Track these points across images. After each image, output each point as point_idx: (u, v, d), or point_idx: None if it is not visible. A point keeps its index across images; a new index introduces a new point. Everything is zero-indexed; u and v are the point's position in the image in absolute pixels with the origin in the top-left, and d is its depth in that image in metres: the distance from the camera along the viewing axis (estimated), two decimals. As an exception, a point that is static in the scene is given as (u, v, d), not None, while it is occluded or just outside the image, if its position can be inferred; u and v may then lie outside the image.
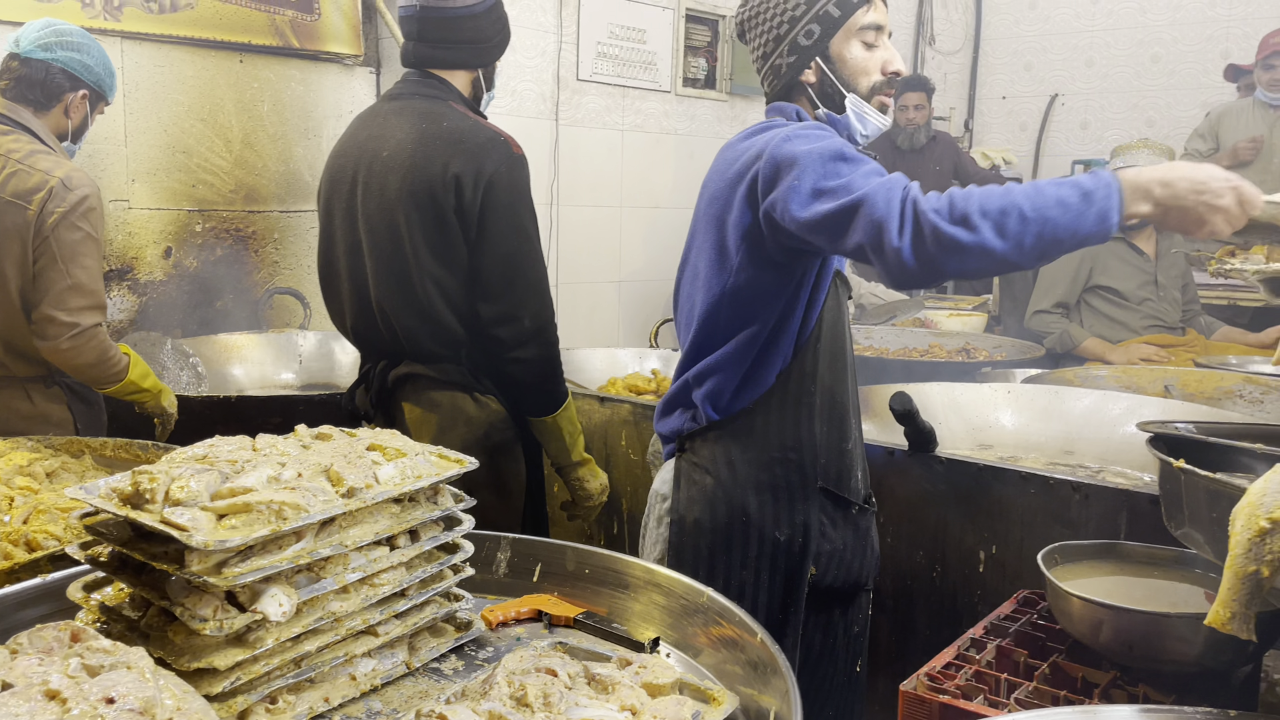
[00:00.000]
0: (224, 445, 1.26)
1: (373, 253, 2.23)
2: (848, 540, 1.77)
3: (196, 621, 1.07)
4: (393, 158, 2.19)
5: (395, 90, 2.31)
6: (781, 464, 1.73)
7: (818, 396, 1.71)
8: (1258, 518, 1.01)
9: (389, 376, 2.30)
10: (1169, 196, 1.36)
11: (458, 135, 2.16)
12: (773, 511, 1.73)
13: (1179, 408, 2.68)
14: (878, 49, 1.73)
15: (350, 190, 2.26)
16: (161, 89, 3.44)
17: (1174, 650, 1.35)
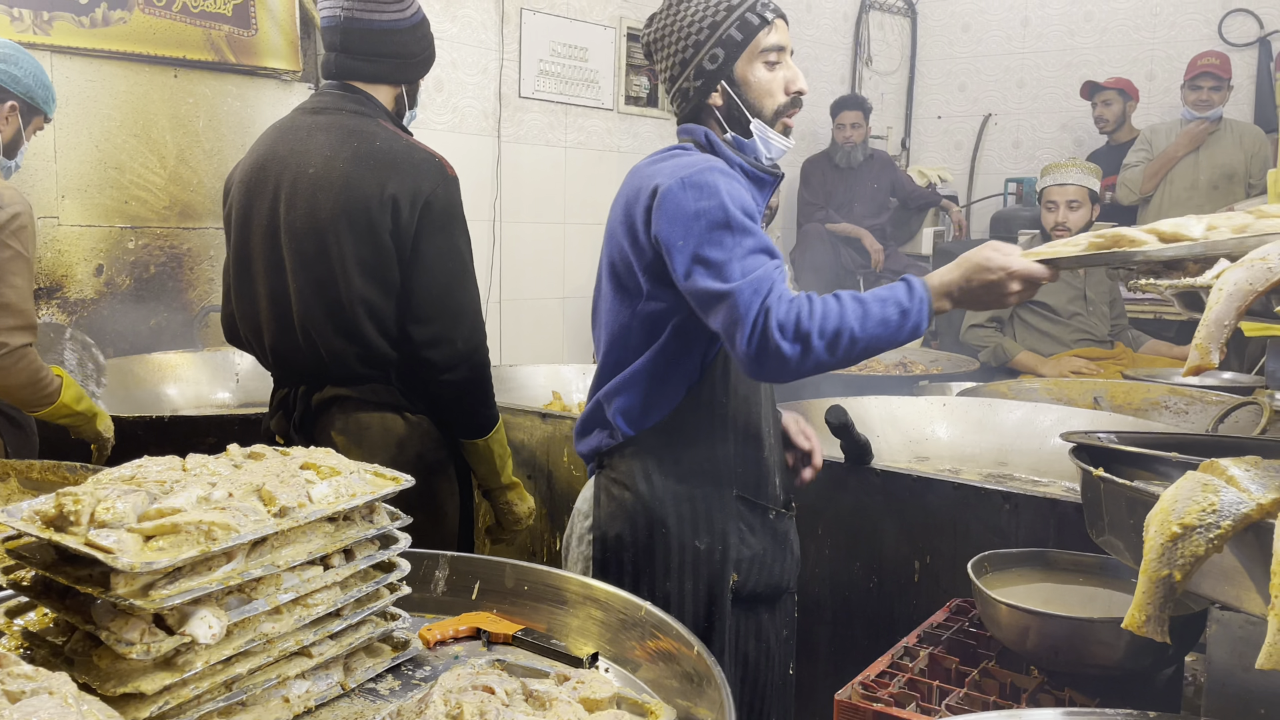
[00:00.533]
0: (152, 466, 1.24)
1: (299, 272, 2.16)
2: (767, 545, 1.80)
3: (122, 645, 1.05)
4: (323, 175, 2.13)
5: (316, 103, 2.23)
6: (697, 475, 1.76)
7: (730, 408, 1.75)
8: (1170, 524, 1.04)
9: (312, 400, 2.23)
10: (965, 294, 1.57)
11: (392, 155, 2.12)
12: (691, 522, 1.76)
13: (1107, 419, 2.76)
14: (780, 69, 1.76)
15: (272, 206, 2.18)
16: (93, 104, 3.38)
17: (1097, 654, 1.39)
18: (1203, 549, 1.02)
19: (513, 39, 4.72)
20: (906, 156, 7.13)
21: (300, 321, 2.19)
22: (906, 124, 7.16)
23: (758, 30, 1.73)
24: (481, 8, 4.59)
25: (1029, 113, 6.36)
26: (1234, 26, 5.91)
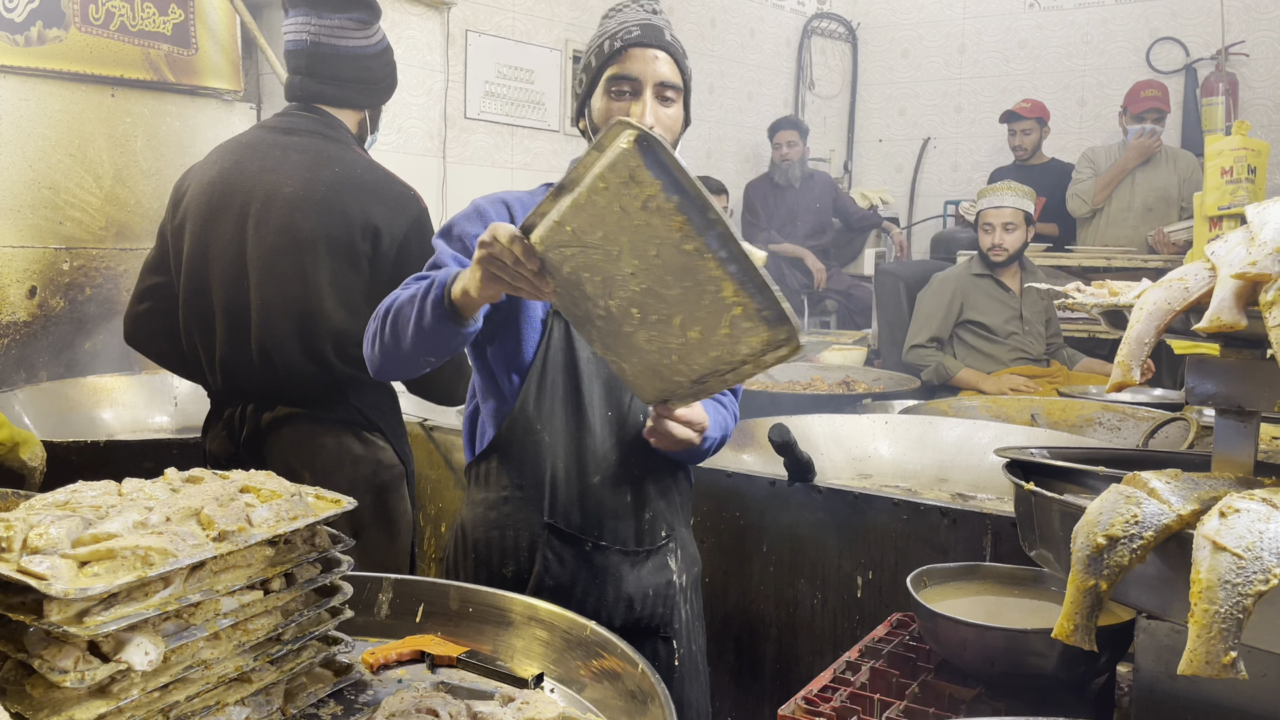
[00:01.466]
0: (87, 490, 1.22)
1: (265, 289, 2.14)
2: (579, 577, 1.73)
3: (56, 674, 1.03)
4: (302, 196, 2.13)
5: (286, 123, 2.24)
6: (508, 502, 1.74)
7: (546, 434, 1.71)
8: (1095, 535, 1.08)
9: (262, 418, 2.21)
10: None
11: (374, 184, 2.17)
12: (499, 548, 1.75)
13: (1042, 435, 2.83)
14: (625, 102, 1.68)
15: (239, 221, 2.17)
16: (26, 123, 3.32)
17: (1031, 664, 1.42)
18: (1127, 559, 1.06)
19: (458, 60, 4.73)
20: (849, 179, 7.25)
21: (259, 338, 2.17)
22: (849, 147, 7.29)
23: (607, 59, 1.70)
24: (426, 29, 4.59)
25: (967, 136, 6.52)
26: (1161, 54, 6.13)
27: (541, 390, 1.70)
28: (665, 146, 1.17)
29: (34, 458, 2.39)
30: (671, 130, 1.71)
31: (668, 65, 1.69)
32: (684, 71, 1.72)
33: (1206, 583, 0.96)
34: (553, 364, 1.70)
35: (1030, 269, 4.34)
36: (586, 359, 1.71)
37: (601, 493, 1.72)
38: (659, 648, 1.81)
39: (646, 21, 1.71)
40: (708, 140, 6.42)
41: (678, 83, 1.69)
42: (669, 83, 1.68)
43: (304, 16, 2.19)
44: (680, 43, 1.75)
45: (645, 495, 1.76)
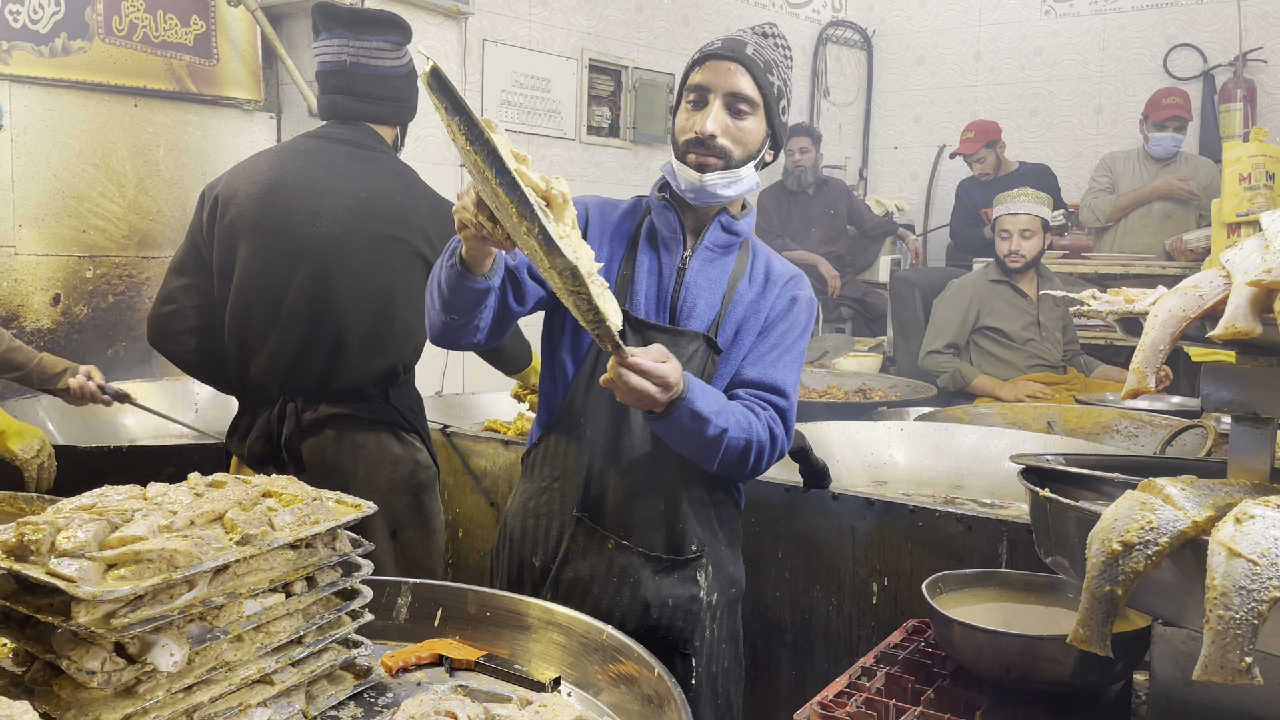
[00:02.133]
0: (113, 494, 1.24)
1: (340, 291, 2.20)
2: (597, 573, 1.75)
3: (83, 674, 1.05)
4: (381, 202, 2.22)
5: (337, 135, 2.31)
6: (547, 492, 1.80)
7: (589, 428, 1.75)
8: (1110, 541, 1.08)
9: (303, 418, 2.25)
10: None
11: (433, 197, 2.31)
12: (532, 538, 1.80)
13: (1059, 442, 2.82)
14: (697, 109, 1.75)
15: (307, 225, 2.21)
16: (51, 133, 3.36)
17: (1047, 671, 1.42)
18: (1142, 565, 1.06)
19: (475, 69, 4.76)
20: (864, 186, 7.25)
21: (332, 338, 2.22)
22: (864, 154, 7.29)
23: (688, 70, 1.78)
24: (444, 39, 4.63)
25: (982, 143, 6.50)
26: (1179, 61, 6.11)
27: (591, 385, 1.75)
28: (446, 76, 1.29)
29: (26, 449, 2.32)
30: (743, 143, 1.73)
31: (742, 78, 1.72)
32: (762, 85, 1.73)
33: (1221, 589, 0.97)
34: (604, 359, 1.73)
35: (1047, 275, 4.33)
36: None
37: (634, 493, 1.74)
38: (676, 663, 1.79)
39: (737, 36, 1.77)
40: (723, 148, 6.44)
41: (752, 96, 1.72)
42: (741, 94, 1.72)
43: (341, 38, 2.26)
44: (772, 61, 1.76)
45: (679, 504, 1.76)
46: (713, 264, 1.80)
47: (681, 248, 1.79)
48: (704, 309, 1.77)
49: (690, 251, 1.79)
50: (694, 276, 1.78)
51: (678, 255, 1.79)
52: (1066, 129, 6.52)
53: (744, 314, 1.79)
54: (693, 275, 1.78)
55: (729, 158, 1.72)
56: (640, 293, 1.77)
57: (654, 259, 1.80)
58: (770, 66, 1.76)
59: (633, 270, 1.79)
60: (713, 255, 1.80)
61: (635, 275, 1.78)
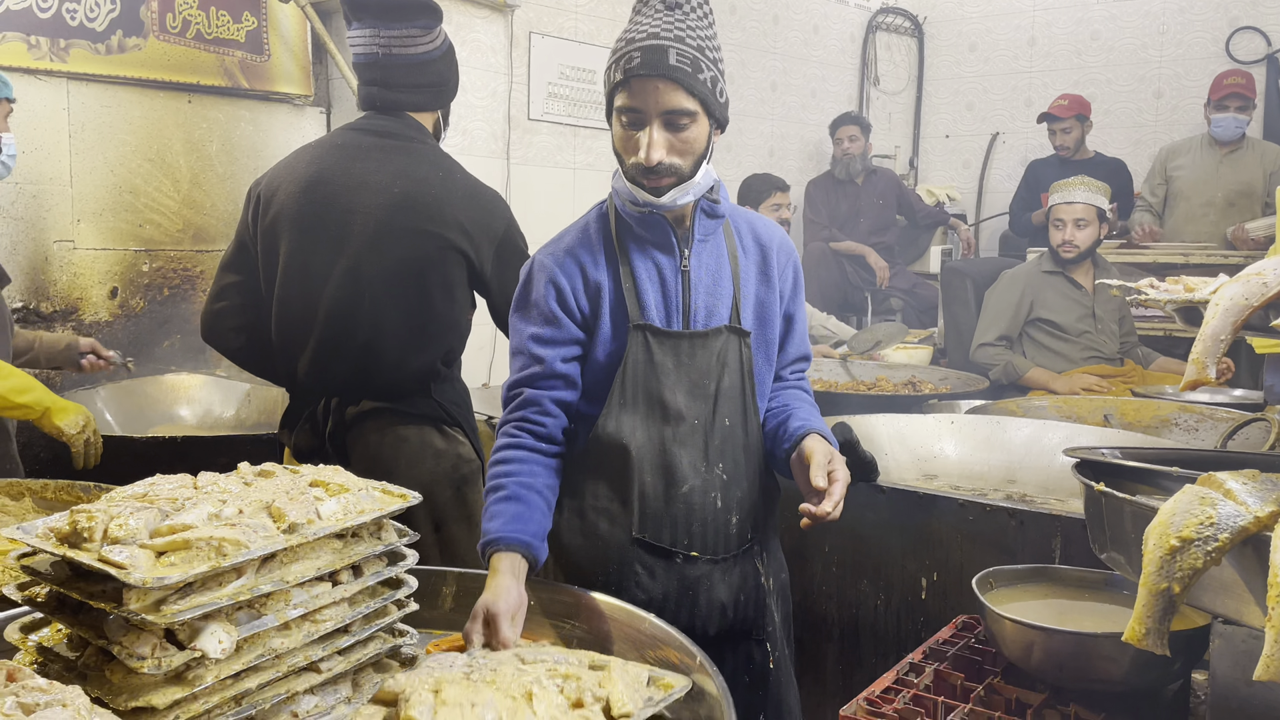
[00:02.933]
0: (164, 483, 1.26)
1: (376, 288, 2.21)
2: (670, 590, 1.72)
3: (134, 660, 1.07)
4: (411, 196, 2.20)
5: (374, 125, 2.30)
6: (596, 511, 1.74)
7: (631, 448, 1.70)
8: (1168, 536, 1.05)
9: (347, 412, 2.27)
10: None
11: (474, 188, 2.28)
12: (589, 556, 1.74)
13: (1116, 436, 2.75)
14: (636, 132, 1.65)
15: (344, 221, 2.22)
16: (108, 130, 3.43)
17: (1101, 669, 1.39)
18: (1201, 562, 1.03)
19: (521, 62, 4.77)
20: (915, 175, 7.15)
21: (368, 334, 2.22)
22: (914, 143, 7.19)
23: (614, 88, 1.67)
24: (490, 31, 4.64)
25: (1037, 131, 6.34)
26: (1241, 44, 5.93)
27: (624, 405, 1.70)
28: None
29: (71, 425, 2.36)
30: (691, 151, 1.65)
31: (673, 93, 1.62)
32: (697, 91, 1.63)
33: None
34: (632, 378, 1.70)
35: (1103, 266, 4.23)
36: (669, 369, 1.71)
37: (690, 503, 1.72)
38: (753, 650, 1.80)
39: (653, 41, 1.62)
40: (770, 139, 6.38)
41: (687, 107, 1.63)
42: (676, 109, 1.62)
43: (371, 28, 2.25)
44: (697, 51, 1.64)
45: (731, 501, 1.75)
46: (708, 251, 1.76)
47: (677, 248, 1.74)
48: (717, 301, 1.75)
49: (687, 250, 1.74)
50: (698, 273, 1.74)
51: (676, 256, 1.74)
52: (1125, 115, 6.37)
53: (755, 290, 1.79)
54: (696, 273, 1.74)
55: (680, 173, 1.66)
56: (650, 302, 1.72)
57: (649, 263, 1.74)
58: (698, 60, 1.64)
59: (634, 281, 1.73)
60: (705, 243, 1.76)
61: (638, 285, 1.73)
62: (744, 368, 1.75)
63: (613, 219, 1.76)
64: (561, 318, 1.72)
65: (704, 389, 1.72)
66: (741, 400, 1.76)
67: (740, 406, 1.76)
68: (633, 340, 1.70)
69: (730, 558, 1.76)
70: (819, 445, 1.66)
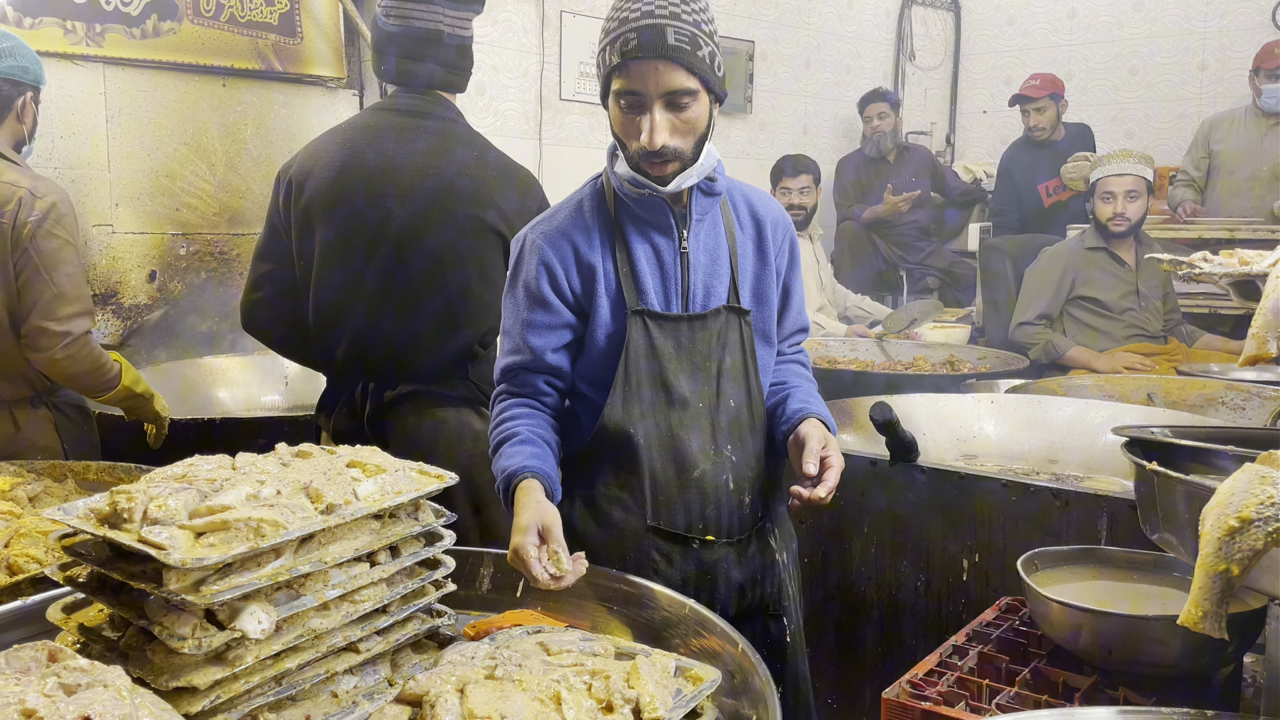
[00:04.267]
0: (203, 464, 1.26)
1: (413, 271, 2.20)
2: (689, 575, 1.71)
3: (175, 640, 1.07)
4: (444, 178, 2.19)
5: (407, 105, 2.28)
6: (608, 500, 1.72)
7: (639, 437, 1.67)
8: (1227, 517, 1.02)
9: (385, 396, 2.27)
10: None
11: (506, 167, 2.26)
12: (604, 544, 1.71)
13: (1161, 415, 2.69)
14: (633, 115, 1.60)
15: (380, 205, 2.20)
16: (144, 113, 3.45)
17: (1152, 652, 1.36)
18: (1261, 542, 1.00)
19: (553, 42, 4.74)
20: (951, 152, 7.04)
21: (406, 317, 2.22)
22: (951, 119, 7.08)
23: (610, 71, 1.61)
24: (522, 11, 4.62)
25: (1077, 105, 6.22)
26: (1290, 13, 5.76)
27: (628, 394, 1.68)
28: None
29: (164, 408, 2.58)
30: (693, 131, 1.61)
31: (674, 73, 1.56)
32: (697, 69, 1.57)
33: (1352, 569, 0.90)
34: (635, 365, 1.67)
35: (1147, 242, 4.14)
36: (670, 354, 1.68)
37: (702, 488, 1.70)
38: (769, 625, 1.80)
39: (649, 21, 1.56)
40: (804, 116, 6.31)
41: (688, 86, 1.57)
42: (678, 90, 1.57)
43: (439, 6, 2.23)
44: (694, 26, 1.58)
45: (742, 482, 1.74)
46: (705, 230, 1.73)
47: (675, 229, 1.70)
48: (716, 280, 1.72)
49: (686, 231, 1.70)
50: (696, 254, 1.71)
51: (674, 238, 1.70)
52: (1168, 88, 6.22)
53: (753, 267, 1.77)
54: (695, 253, 1.71)
55: (683, 156, 1.62)
56: (649, 286, 1.69)
57: (647, 245, 1.70)
58: (696, 37, 1.58)
59: (631, 264, 1.69)
60: (702, 222, 1.73)
61: (637, 269, 1.69)
62: (745, 346, 1.74)
63: (610, 199, 1.72)
64: (553, 301, 1.69)
65: (706, 371, 1.71)
66: (745, 379, 1.74)
67: (744, 386, 1.74)
68: (633, 326, 1.67)
69: (745, 538, 1.76)
70: (814, 430, 1.65)
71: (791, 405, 1.76)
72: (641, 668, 1.17)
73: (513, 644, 1.26)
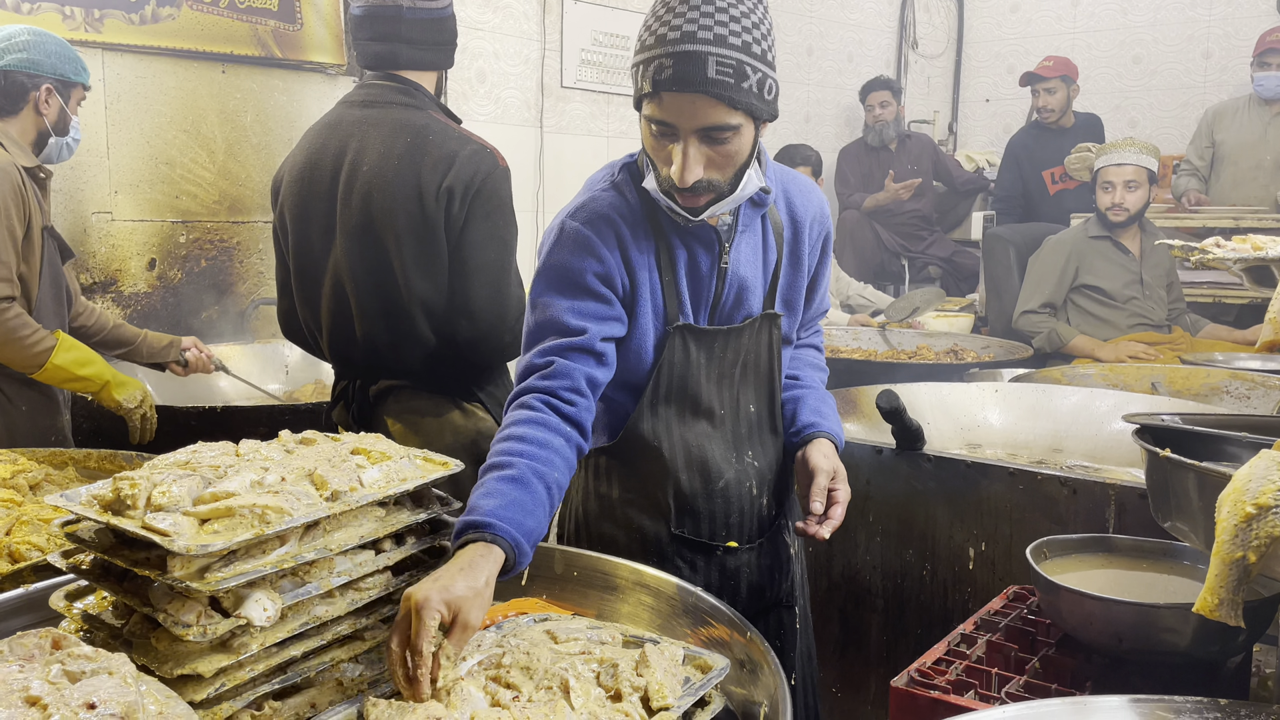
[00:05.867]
0: (207, 451, 1.25)
1: (357, 270, 2.18)
2: (711, 581, 1.68)
3: (179, 628, 1.06)
4: (378, 172, 2.14)
5: (364, 97, 2.24)
6: (632, 505, 1.68)
7: (665, 447, 1.63)
8: (1243, 503, 1.01)
9: (369, 391, 2.27)
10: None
11: (446, 149, 2.13)
12: (626, 549, 1.67)
13: (1166, 404, 2.68)
14: (665, 142, 1.47)
15: (328, 205, 2.20)
16: (143, 100, 3.43)
17: (1163, 641, 1.35)
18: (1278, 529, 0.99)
19: (554, 29, 4.71)
20: (954, 141, 7.02)
21: (359, 318, 2.22)
22: (953, 108, 7.05)
23: (640, 96, 1.49)
24: (524, -2, 4.59)
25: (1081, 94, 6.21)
26: (1295, 1, 5.73)
27: (656, 405, 1.63)
28: None
29: (130, 399, 2.45)
30: (732, 164, 1.49)
31: (711, 109, 1.42)
32: (740, 104, 1.43)
33: (1373, 556, 0.89)
34: (668, 378, 1.63)
35: (1151, 231, 4.12)
36: (702, 365, 1.64)
37: (727, 497, 1.68)
38: (783, 616, 1.80)
39: (689, 46, 1.40)
40: (805, 104, 6.28)
41: (729, 123, 1.44)
42: (716, 126, 1.44)
43: None
44: (740, 51, 1.43)
45: (763, 485, 1.72)
46: (747, 242, 1.64)
47: (718, 244, 1.61)
48: (749, 292, 1.65)
49: (729, 244, 1.61)
50: (735, 267, 1.63)
51: (716, 253, 1.61)
52: (1172, 76, 6.20)
53: (786, 273, 1.71)
54: (734, 267, 1.63)
55: (719, 189, 1.50)
56: (686, 298, 1.61)
57: (688, 256, 1.61)
58: (742, 66, 1.42)
59: (674, 274, 1.60)
60: (745, 233, 1.64)
61: (678, 280, 1.60)
62: (773, 351, 1.70)
63: (649, 201, 1.60)
64: (604, 292, 1.57)
65: (730, 377, 1.67)
66: (769, 384, 1.71)
67: (768, 390, 1.71)
68: (672, 341, 1.61)
69: (764, 540, 1.75)
70: (823, 462, 1.59)
71: (803, 416, 1.72)
72: (650, 656, 1.16)
73: (520, 632, 1.25)
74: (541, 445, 1.42)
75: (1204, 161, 5.28)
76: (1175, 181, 5.34)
